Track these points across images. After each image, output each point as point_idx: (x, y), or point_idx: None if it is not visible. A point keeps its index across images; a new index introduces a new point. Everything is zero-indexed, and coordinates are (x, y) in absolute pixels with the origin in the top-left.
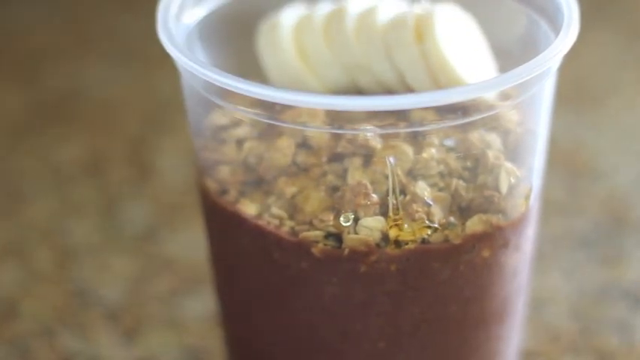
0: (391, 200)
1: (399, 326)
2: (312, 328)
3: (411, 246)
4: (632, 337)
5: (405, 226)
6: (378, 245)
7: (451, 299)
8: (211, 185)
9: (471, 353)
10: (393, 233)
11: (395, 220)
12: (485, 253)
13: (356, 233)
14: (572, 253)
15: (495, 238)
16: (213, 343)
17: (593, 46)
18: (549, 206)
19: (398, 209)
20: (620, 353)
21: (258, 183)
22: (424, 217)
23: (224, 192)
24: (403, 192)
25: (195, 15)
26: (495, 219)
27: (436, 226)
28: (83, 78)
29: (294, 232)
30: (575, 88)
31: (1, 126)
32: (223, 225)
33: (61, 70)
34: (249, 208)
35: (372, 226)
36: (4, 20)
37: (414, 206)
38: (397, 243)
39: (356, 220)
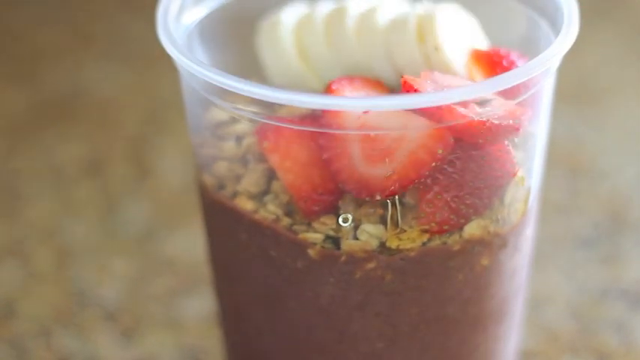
0: (391, 206)
1: (398, 327)
2: (309, 328)
3: (409, 252)
4: (631, 337)
5: (404, 232)
6: (375, 251)
7: (450, 300)
8: (209, 181)
9: (469, 353)
10: (392, 240)
11: (394, 226)
12: (484, 255)
13: (355, 238)
14: (571, 253)
15: (494, 241)
16: (212, 343)
17: (595, 45)
18: (549, 206)
19: (398, 216)
20: (619, 353)
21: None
22: (423, 223)
23: (222, 187)
24: (403, 197)
25: (195, 15)
26: (494, 224)
27: (434, 226)
28: (83, 78)
29: (292, 230)
30: (576, 87)
31: (1, 126)
32: (221, 221)
33: (61, 70)
34: (247, 204)
35: (372, 232)
36: (4, 20)
37: (413, 213)
38: (396, 250)
39: (356, 226)
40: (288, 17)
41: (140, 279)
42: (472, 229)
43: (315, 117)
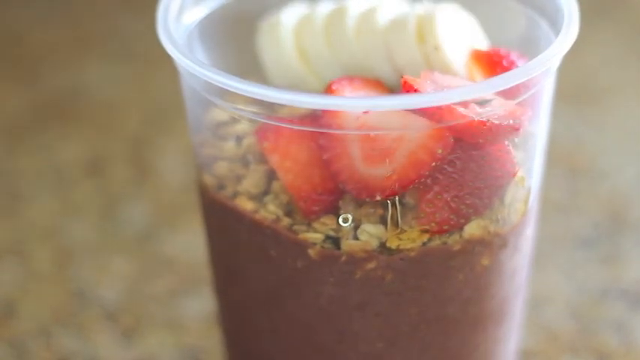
0: (391, 206)
1: (398, 327)
2: (309, 328)
3: (409, 252)
4: (631, 337)
5: (404, 232)
6: (375, 251)
7: (450, 300)
8: (209, 181)
9: (469, 353)
10: (392, 240)
11: (394, 226)
12: (484, 255)
13: (355, 237)
14: (571, 253)
15: (494, 241)
16: (213, 343)
17: (595, 45)
18: (549, 206)
19: (398, 216)
20: (619, 353)
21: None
22: (423, 223)
23: (222, 187)
24: (403, 197)
25: (195, 15)
26: (494, 224)
27: (434, 226)
28: (83, 78)
29: (292, 230)
30: (576, 87)
31: (1, 126)
32: (222, 221)
33: (61, 70)
34: (247, 204)
35: (372, 232)
36: (4, 20)
37: (413, 213)
38: (396, 250)
39: (356, 226)
40: (288, 17)
41: (140, 279)
42: (472, 229)
43: (315, 117)
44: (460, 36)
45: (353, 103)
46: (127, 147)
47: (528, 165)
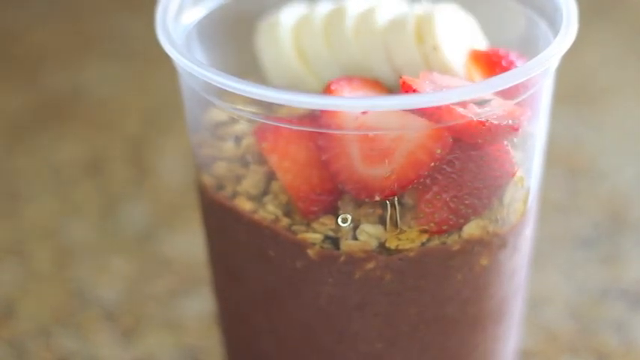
0: (390, 206)
1: (397, 327)
2: (308, 328)
3: (408, 252)
4: (631, 337)
5: (403, 233)
6: (374, 251)
7: (449, 300)
8: (208, 181)
9: (468, 353)
10: (391, 240)
11: (393, 226)
12: (483, 255)
13: (355, 238)
14: (571, 253)
15: (493, 241)
16: (212, 343)
17: (594, 45)
18: (549, 206)
19: (397, 216)
20: (619, 353)
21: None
22: (422, 223)
23: (221, 187)
24: (402, 197)
25: (194, 15)
26: (493, 224)
27: (433, 226)
28: (83, 78)
29: (291, 230)
30: (575, 87)
31: (1, 126)
32: (221, 221)
33: (61, 70)
34: (246, 204)
35: (371, 232)
36: (4, 20)
37: (412, 213)
38: (395, 250)
39: (355, 226)
40: (287, 17)
41: (140, 279)
42: (471, 229)
43: (313, 117)
44: (459, 36)
45: (352, 104)
46: (126, 147)
47: (527, 165)
